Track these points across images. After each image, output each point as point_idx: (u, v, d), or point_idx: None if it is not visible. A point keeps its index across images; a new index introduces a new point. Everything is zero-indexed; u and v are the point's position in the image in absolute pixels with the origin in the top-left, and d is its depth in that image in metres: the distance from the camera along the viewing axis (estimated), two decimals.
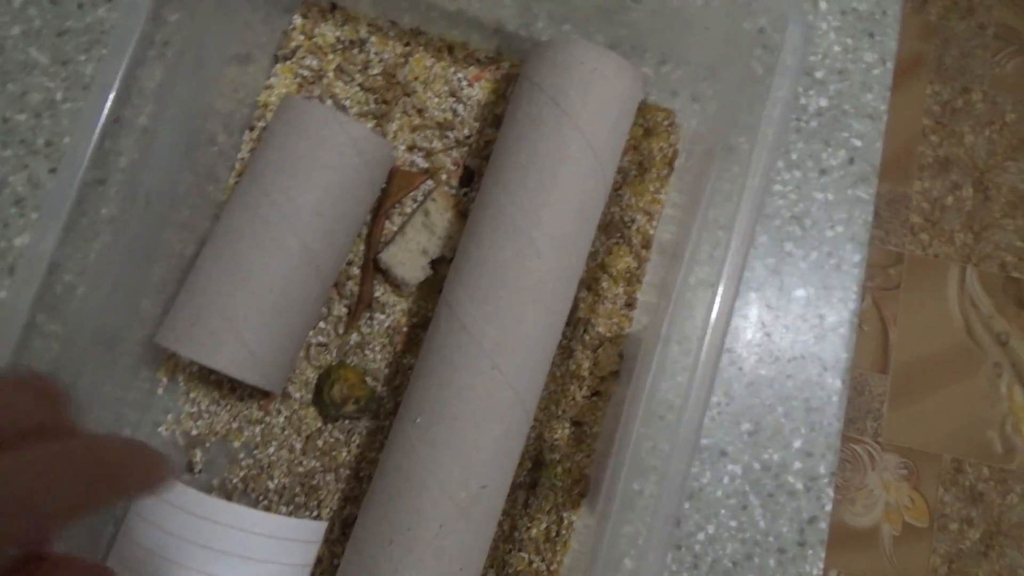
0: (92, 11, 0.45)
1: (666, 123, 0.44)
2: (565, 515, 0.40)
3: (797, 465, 0.43)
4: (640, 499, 0.35)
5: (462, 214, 0.42)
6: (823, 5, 0.46)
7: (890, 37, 0.46)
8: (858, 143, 0.45)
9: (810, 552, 0.42)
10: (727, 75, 0.40)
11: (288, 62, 0.43)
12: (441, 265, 0.42)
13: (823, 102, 0.45)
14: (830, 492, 0.43)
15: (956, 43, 1.53)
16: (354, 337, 0.41)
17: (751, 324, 0.44)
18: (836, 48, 0.46)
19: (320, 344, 0.41)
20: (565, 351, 0.42)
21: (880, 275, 1.44)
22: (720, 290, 0.32)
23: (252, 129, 0.43)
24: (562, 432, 0.41)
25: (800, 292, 0.44)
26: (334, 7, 0.44)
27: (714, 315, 0.32)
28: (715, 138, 0.39)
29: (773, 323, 0.44)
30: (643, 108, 0.44)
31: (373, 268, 0.42)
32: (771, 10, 0.33)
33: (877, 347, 1.42)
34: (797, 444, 0.43)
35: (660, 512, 0.30)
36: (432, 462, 0.35)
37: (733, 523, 0.42)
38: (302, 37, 0.43)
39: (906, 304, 1.44)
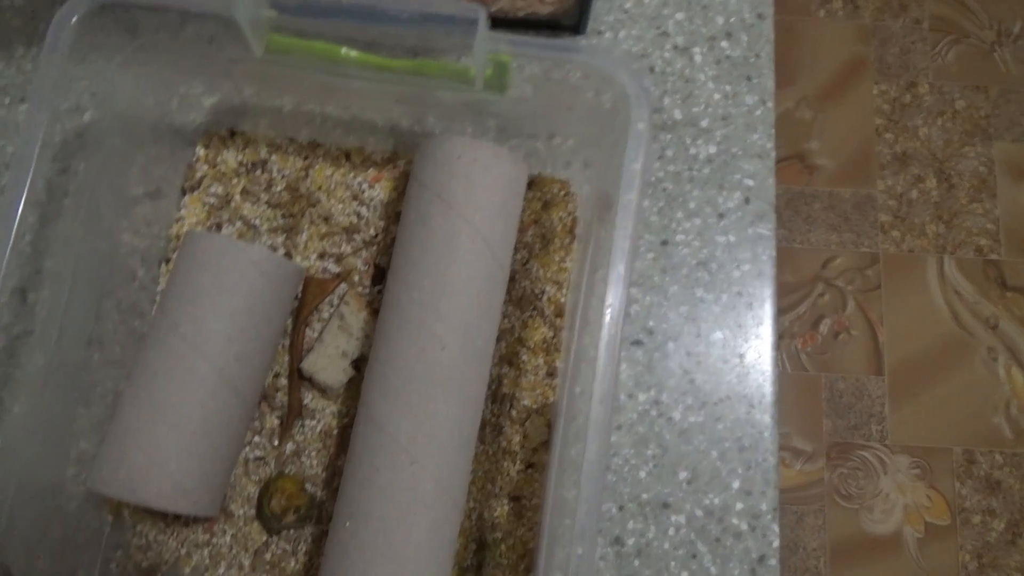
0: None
1: (562, 193, 0.46)
2: None
3: (739, 506, 0.43)
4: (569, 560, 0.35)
5: (376, 312, 0.44)
6: (698, 58, 0.48)
7: (767, 77, 0.48)
8: (751, 183, 0.47)
9: None
10: (603, 142, 0.41)
11: (195, 192, 0.45)
12: (363, 364, 0.43)
13: (712, 149, 0.47)
14: (775, 528, 0.43)
15: (894, 41, 1.56)
16: (289, 446, 0.43)
17: (674, 374, 0.45)
18: (716, 96, 0.48)
19: (258, 458, 0.43)
20: (494, 428, 0.43)
21: (859, 278, 1.45)
22: (601, 347, 0.33)
23: (168, 262, 0.45)
24: (501, 510, 0.42)
25: (717, 335, 0.45)
26: (233, 133, 0.46)
27: (599, 367, 0.33)
28: (599, 201, 0.41)
29: (696, 369, 0.45)
30: (540, 182, 0.46)
31: (298, 377, 0.43)
32: (614, 85, 0.35)
33: (868, 350, 1.42)
34: (736, 485, 0.44)
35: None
36: (364, 564, 0.35)
37: (684, 573, 0.43)
38: (206, 167, 0.45)
39: (889, 303, 1.44)
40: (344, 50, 0.38)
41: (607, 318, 0.33)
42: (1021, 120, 1.51)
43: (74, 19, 0.35)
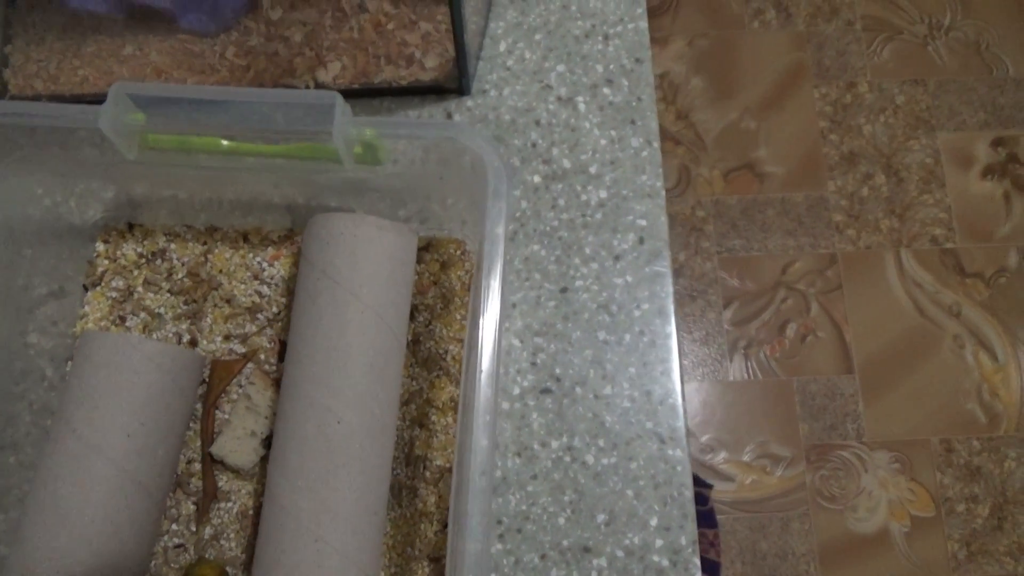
0: None
1: (459, 252, 0.47)
2: None
3: (659, 543, 0.44)
4: None
5: None
6: (582, 107, 0.50)
7: (650, 119, 0.49)
8: (643, 222, 0.48)
9: None
10: (480, 200, 0.42)
11: (98, 288, 0.46)
12: None
13: (603, 194, 0.48)
14: (696, 561, 0.44)
15: (830, 44, 1.59)
16: (207, 530, 0.43)
17: (584, 418, 0.45)
18: (603, 142, 0.49)
19: (177, 545, 0.43)
20: (410, 491, 0.44)
21: (819, 280, 1.46)
22: (477, 402, 0.33)
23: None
24: (422, 572, 0.43)
25: (622, 375, 0.46)
26: (132, 226, 0.47)
27: (476, 423, 0.33)
28: (479, 256, 0.42)
29: (605, 411, 0.46)
30: (437, 243, 0.47)
31: (211, 461, 0.44)
32: (473, 152, 0.36)
33: (836, 350, 1.44)
34: (654, 522, 0.44)
35: None
36: None
37: None
38: (107, 261, 0.46)
39: (852, 301, 1.45)
40: (218, 140, 0.39)
41: (480, 369, 0.34)
42: (961, 109, 1.54)
43: None
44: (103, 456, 0.38)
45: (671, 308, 0.47)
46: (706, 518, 1.03)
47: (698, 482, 0.96)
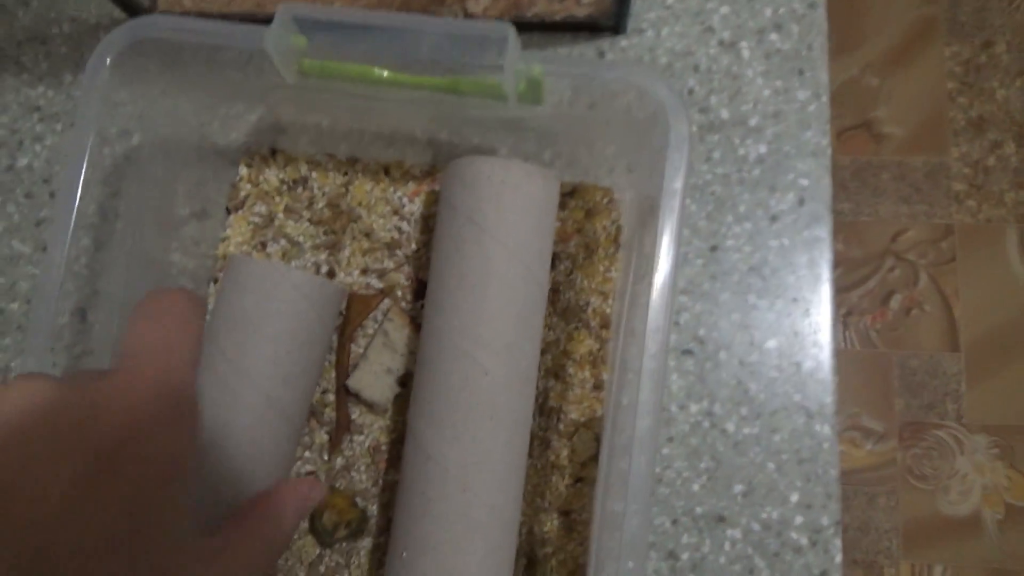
0: None
1: (605, 201, 0.44)
2: None
3: (799, 520, 0.42)
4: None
5: (420, 327, 0.43)
6: (746, 53, 0.46)
7: (820, 70, 0.46)
8: (805, 182, 0.45)
9: None
10: (644, 147, 0.40)
11: (240, 212, 0.46)
12: (409, 380, 0.43)
13: (762, 149, 0.45)
14: (838, 543, 0.42)
15: None
16: (339, 461, 0.43)
17: (727, 384, 0.43)
18: (766, 92, 0.46)
19: (309, 472, 0.43)
20: (542, 442, 0.43)
21: (932, 251, 1.39)
22: (646, 358, 0.32)
23: (216, 281, 0.45)
24: (551, 524, 0.42)
25: (771, 343, 0.44)
26: (275, 152, 0.46)
27: (644, 378, 0.32)
28: (643, 208, 0.39)
29: (750, 379, 0.43)
30: (582, 190, 0.45)
31: (345, 393, 0.43)
32: (649, 98, 0.33)
33: (943, 326, 1.37)
34: (795, 498, 0.42)
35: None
36: None
37: None
38: (249, 186, 0.46)
39: (965, 276, 1.38)
40: (376, 70, 0.37)
41: (650, 327, 0.32)
42: None
43: (115, 49, 0.36)
44: (251, 382, 0.38)
45: (828, 276, 0.44)
46: None
47: None
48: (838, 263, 1.38)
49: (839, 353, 1.47)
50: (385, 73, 0.37)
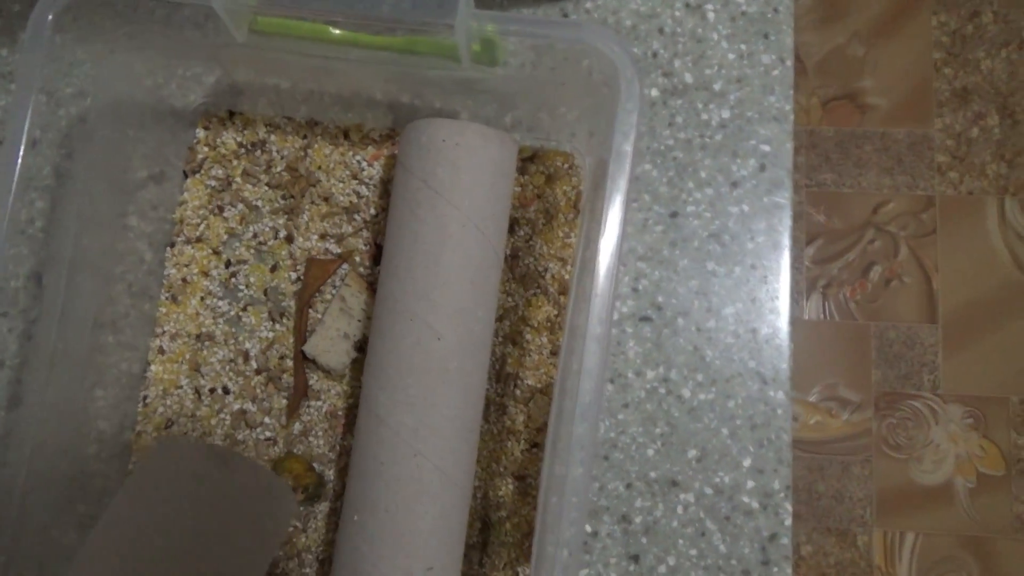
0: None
1: (566, 166, 0.44)
2: (520, 569, 0.41)
3: (750, 484, 0.42)
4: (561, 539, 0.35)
5: None
6: (711, 16, 0.46)
7: (785, 34, 0.45)
8: (767, 148, 0.44)
9: (775, 570, 0.42)
10: (603, 111, 0.40)
11: (197, 175, 0.45)
12: (366, 345, 0.43)
13: (725, 113, 0.45)
14: (788, 507, 0.42)
15: None
16: (296, 426, 0.43)
17: (684, 350, 0.43)
18: (731, 56, 0.45)
19: (267, 438, 0.43)
20: (498, 408, 0.43)
21: (913, 223, 1.39)
22: (592, 321, 0.32)
23: (173, 245, 0.45)
24: (506, 489, 0.42)
25: (729, 310, 0.44)
26: (232, 114, 0.46)
27: (589, 342, 0.32)
28: (599, 173, 0.39)
29: (706, 346, 0.44)
30: (542, 155, 0.44)
31: (303, 359, 0.43)
32: (604, 60, 0.33)
33: (922, 297, 1.38)
34: (748, 463, 0.43)
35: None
36: (375, 556, 0.36)
37: (693, 551, 0.42)
38: (207, 148, 0.45)
39: (945, 248, 1.38)
40: (329, 28, 0.37)
41: (598, 291, 0.32)
42: None
43: (59, 3, 0.35)
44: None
45: (787, 243, 0.44)
46: None
47: None
48: (819, 234, 1.38)
49: (816, 324, 1.48)
50: (337, 31, 0.37)
